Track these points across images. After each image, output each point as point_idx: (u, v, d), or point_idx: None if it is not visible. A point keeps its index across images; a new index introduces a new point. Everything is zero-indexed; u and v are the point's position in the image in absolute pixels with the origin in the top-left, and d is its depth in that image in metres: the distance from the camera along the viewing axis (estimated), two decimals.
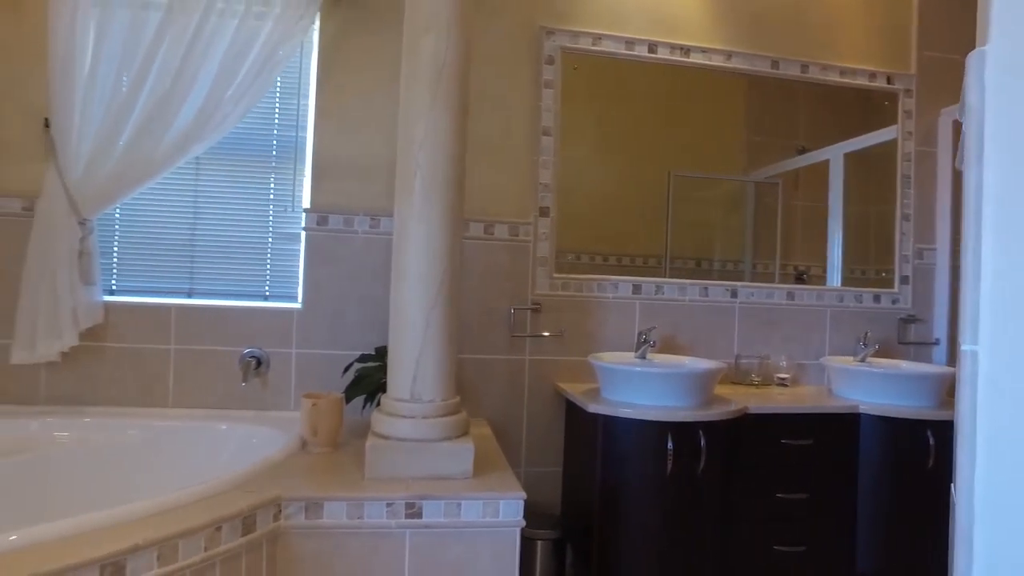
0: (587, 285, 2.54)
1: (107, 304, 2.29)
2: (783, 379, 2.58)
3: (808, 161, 2.83)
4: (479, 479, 1.71)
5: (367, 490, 1.61)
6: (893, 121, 2.84)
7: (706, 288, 2.61)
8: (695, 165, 2.72)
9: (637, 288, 2.56)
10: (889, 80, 2.84)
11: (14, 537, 1.19)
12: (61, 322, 2.17)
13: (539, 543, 2.16)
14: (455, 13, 1.77)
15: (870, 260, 2.88)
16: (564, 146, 2.56)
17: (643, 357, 2.34)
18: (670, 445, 1.98)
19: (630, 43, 2.59)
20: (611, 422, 2.04)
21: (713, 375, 2.15)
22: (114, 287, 2.37)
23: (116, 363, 2.30)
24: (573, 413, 2.36)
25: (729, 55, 2.68)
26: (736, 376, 2.57)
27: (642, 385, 2.10)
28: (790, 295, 2.68)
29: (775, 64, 2.72)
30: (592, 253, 2.61)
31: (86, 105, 2.19)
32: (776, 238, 2.77)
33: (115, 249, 2.38)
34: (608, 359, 2.28)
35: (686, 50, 2.63)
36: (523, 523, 1.64)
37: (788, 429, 2.19)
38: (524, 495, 1.64)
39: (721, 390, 2.39)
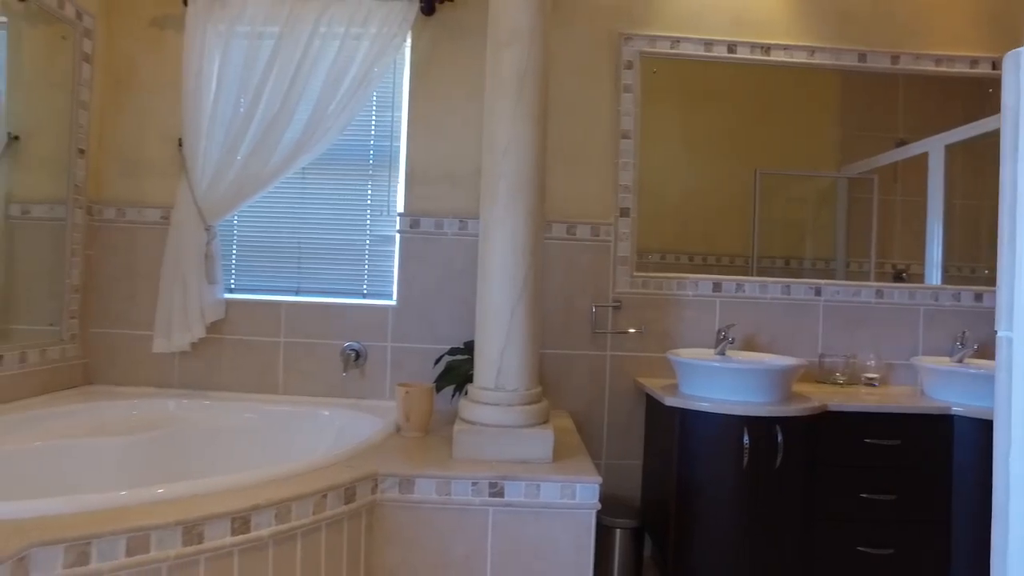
0: (667, 283, 2.60)
1: (227, 301, 2.59)
2: (871, 379, 2.53)
3: (906, 155, 2.75)
4: (558, 464, 1.83)
5: (454, 469, 1.77)
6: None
7: (788, 286, 2.61)
8: (783, 162, 2.71)
9: (717, 286, 2.60)
10: (995, 66, 2.72)
11: (161, 491, 1.42)
12: (191, 317, 2.48)
13: (618, 531, 2.25)
14: (534, 27, 1.90)
15: (981, 257, 2.76)
16: (646, 148, 2.64)
17: (722, 354, 2.38)
18: (746, 440, 2.02)
19: (708, 44, 2.63)
20: (688, 416, 2.10)
21: (791, 372, 2.16)
22: (233, 286, 2.67)
23: (235, 353, 2.59)
24: (652, 407, 2.44)
25: (812, 51, 2.66)
26: (820, 375, 2.56)
27: (719, 380, 2.15)
28: (879, 293, 2.63)
29: (862, 57, 2.68)
30: (677, 252, 2.67)
31: (211, 127, 2.49)
32: (871, 235, 2.72)
33: (234, 252, 2.68)
34: (686, 355, 2.34)
35: (766, 48, 2.64)
36: (598, 506, 1.74)
37: (872, 428, 2.17)
38: (600, 480, 1.74)
39: (804, 388, 2.39)
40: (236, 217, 2.65)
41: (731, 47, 2.64)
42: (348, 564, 1.65)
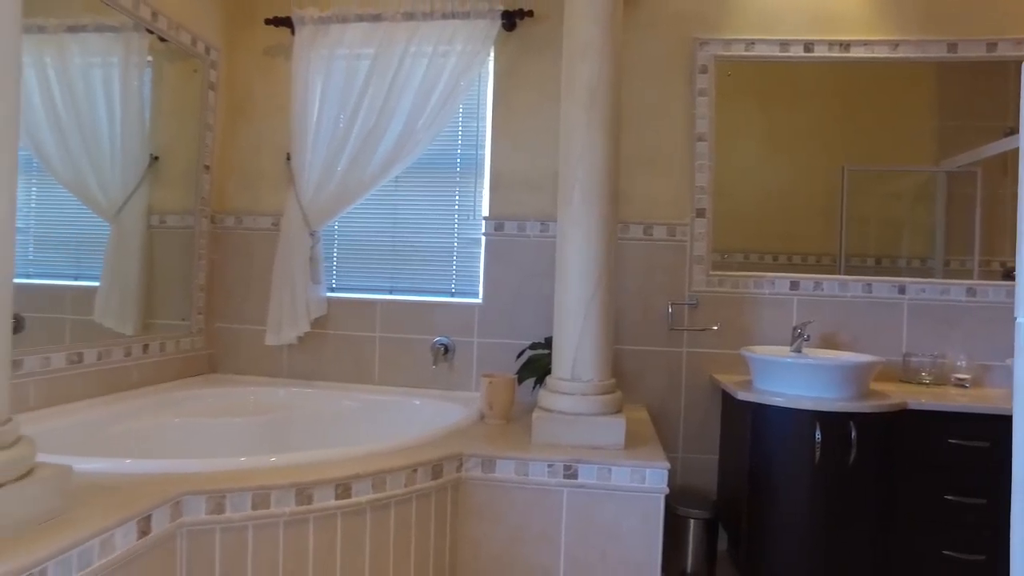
0: (743, 282, 2.65)
1: (329, 299, 2.87)
2: (961, 380, 2.48)
3: (1012, 145, 2.62)
4: (630, 451, 1.95)
5: (532, 452, 1.93)
6: None
7: (870, 284, 2.59)
8: (874, 158, 2.68)
9: (795, 284, 2.63)
10: None
11: (273, 459, 1.67)
12: (298, 313, 2.78)
13: (692, 522, 2.34)
14: (606, 42, 2.04)
15: None
16: (726, 148, 2.70)
17: (798, 351, 2.41)
18: (818, 435, 2.07)
19: (784, 45, 2.66)
20: (760, 410, 2.17)
21: (864, 368, 2.18)
22: (334, 285, 2.95)
23: (336, 347, 2.88)
24: (727, 402, 2.50)
25: (895, 44, 2.64)
26: (905, 375, 2.53)
27: (792, 376, 2.20)
28: (971, 291, 2.57)
29: (952, 47, 2.62)
30: (760, 252, 2.70)
31: (314, 142, 2.78)
32: (974, 232, 2.64)
33: (335, 254, 2.97)
34: (760, 351, 2.39)
35: (845, 45, 2.64)
36: (666, 490, 1.85)
37: (959, 429, 2.15)
38: (667, 465, 1.85)
39: (887, 387, 2.38)
40: (337, 223, 2.93)
41: (808, 46, 2.66)
42: (436, 532, 1.85)
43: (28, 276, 2.15)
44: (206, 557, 1.48)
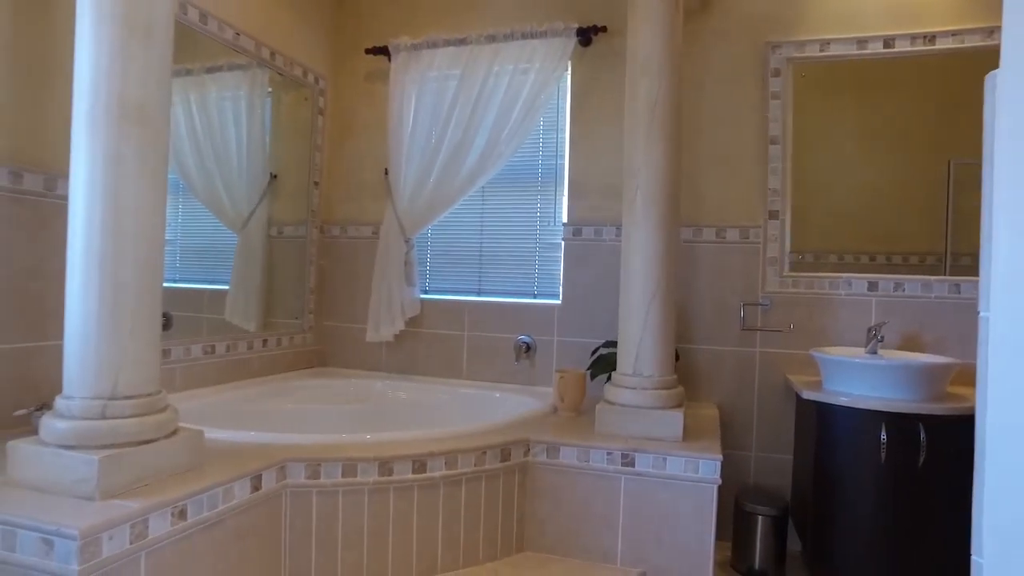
0: (818, 282, 2.69)
1: (422, 301, 3.19)
2: None
3: None
4: (687, 443, 2.09)
5: (594, 441, 2.11)
6: None
7: (957, 284, 2.54)
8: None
9: (873, 285, 2.62)
10: None
11: (368, 437, 1.96)
12: (394, 313, 3.11)
13: (759, 518, 2.41)
14: (665, 59, 2.19)
15: None
16: (813, 148, 2.74)
17: (873, 352, 2.43)
18: (883, 436, 2.10)
19: (862, 42, 2.67)
20: (825, 409, 2.22)
21: (936, 370, 2.17)
22: (427, 288, 3.27)
23: (428, 344, 3.18)
24: (799, 402, 2.55)
25: (990, 31, 2.57)
26: None
27: (859, 376, 2.23)
28: None
29: None
30: (856, 252, 2.71)
31: (409, 157, 3.10)
32: None
33: (428, 259, 3.28)
34: (832, 352, 2.43)
35: (930, 37, 2.60)
36: (719, 481, 1.97)
37: None
38: (720, 458, 1.98)
39: (970, 391, 2.34)
40: (429, 230, 3.24)
41: (888, 41, 2.65)
42: (503, 509, 2.08)
43: (175, 281, 2.61)
44: (305, 514, 1.79)
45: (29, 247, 1.95)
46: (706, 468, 1.99)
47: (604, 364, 2.63)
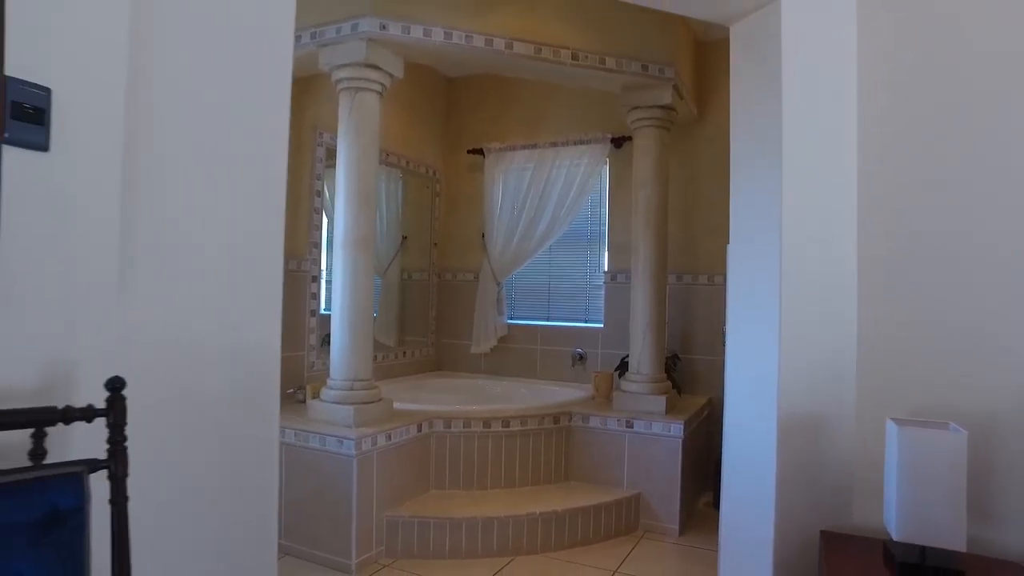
0: None
1: (509, 324, 4.78)
2: None
3: None
4: (667, 416, 3.54)
5: (610, 413, 3.61)
6: None
7: None
8: None
9: None
10: None
11: (475, 407, 3.56)
12: (490, 333, 4.72)
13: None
14: (655, 177, 3.67)
15: None
16: None
17: None
18: None
19: None
20: None
21: None
22: (512, 315, 4.85)
23: (513, 355, 4.77)
24: None
25: None
26: None
27: None
28: None
29: None
30: None
31: (498, 224, 4.71)
32: None
33: (513, 296, 4.87)
34: None
35: None
36: (682, 436, 3.41)
37: None
38: (682, 422, 3.42)
39: None
40: (515, 276, 4.82)
41: None
42: (556, 452, 3.61)
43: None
44: (442, 449, 3.40)
45: (292, 299, 3.67)
46: (676, 429, 3.44)
47: (624, 367, 4.11)
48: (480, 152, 4.83)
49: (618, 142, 4.43)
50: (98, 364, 1.32)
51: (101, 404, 1.20)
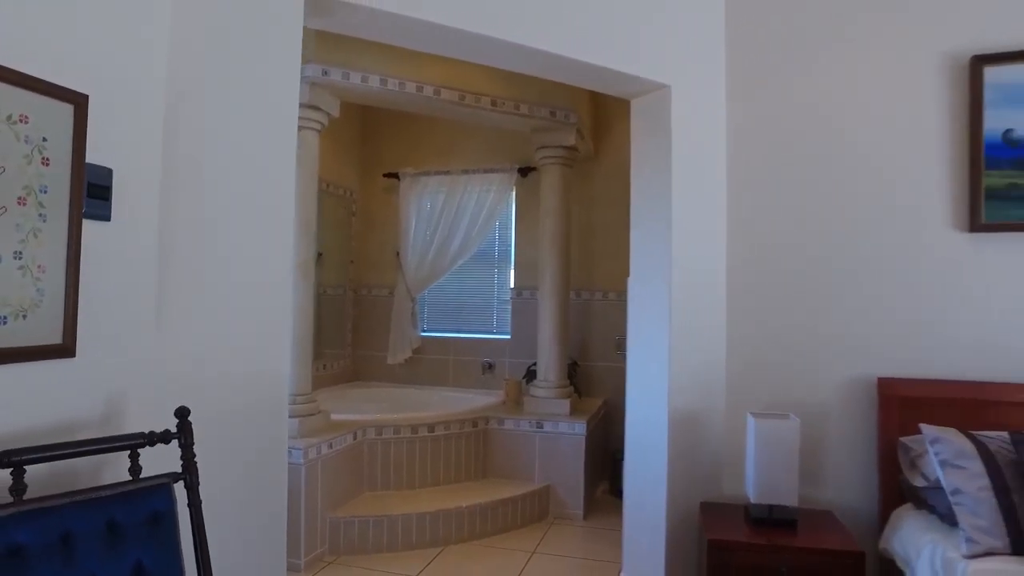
0: None
1: (423, 337, 5.21)
2: None
3: None
4: (571, 417, 4.12)
5: (522, 415, 4.14)
6: None
7: None
8: None
9: None
10: None
11: (396, 416, 3.99)
12: (405, 344, 5.14)
13: (621, 461, 4.46)
14: (559, 207, 4.25)
15: None
16: None
17: None
18: None
19: None
20: None
21: None
22: (425, 328, 5.29)
23: (428, 365, 5.22)
24: None
25: None
26: None
27: None
28: None
29: None
30: None
31: (413, 244, 5.14)
32: None
33: (426, 310, 5.31)
34: None
35: None
36: (584, 434, 4.00)
37: None
38: (584, 423, 4.01)
39: None
40: (428, 291, 5.26)
41: None
42: (475, 452, 4.11)
43: None
44: (374, 454, 3.80)
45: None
46: (579, 428, 4.03)
47: (531, 375, 4.68)
48: (395, 176, 5.24)
49: (524, 172, 4.98)
50: (142, 391, 1.69)
51: (148, 428, 1.55)
